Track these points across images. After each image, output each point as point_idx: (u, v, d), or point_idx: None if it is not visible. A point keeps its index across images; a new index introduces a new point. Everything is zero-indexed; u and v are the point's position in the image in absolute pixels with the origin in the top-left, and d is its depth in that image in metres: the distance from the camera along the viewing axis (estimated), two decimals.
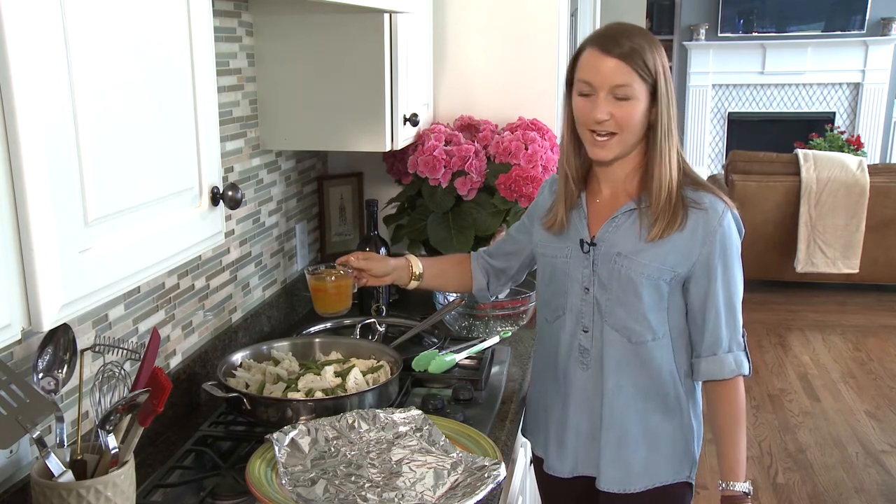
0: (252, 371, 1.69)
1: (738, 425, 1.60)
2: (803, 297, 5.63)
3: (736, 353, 1.55)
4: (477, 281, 1.83)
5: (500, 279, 1.84)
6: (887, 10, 8.33)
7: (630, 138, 1.49)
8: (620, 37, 1.46)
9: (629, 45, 1.44)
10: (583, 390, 1.60)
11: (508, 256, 1.81)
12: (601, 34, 1.49)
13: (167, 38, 1.02)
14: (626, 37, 1.46)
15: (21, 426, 1.03)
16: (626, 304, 1.53)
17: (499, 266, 1.82)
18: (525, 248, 1.77)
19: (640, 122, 1.48)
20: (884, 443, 3.70)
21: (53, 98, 0.81)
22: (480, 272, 1.83)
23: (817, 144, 6.75)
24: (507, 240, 1.83)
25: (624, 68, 1.44)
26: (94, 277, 0.88)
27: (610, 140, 1.49)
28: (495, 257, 1.83)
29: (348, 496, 1.28)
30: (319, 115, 2.02)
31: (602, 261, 1.55)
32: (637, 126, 1.48)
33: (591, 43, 1.48)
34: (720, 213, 1.50)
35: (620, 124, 1.47)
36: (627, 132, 1.48)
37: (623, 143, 1.50)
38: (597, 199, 1.59)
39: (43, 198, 0.80)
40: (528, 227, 1.76)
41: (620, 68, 1.44)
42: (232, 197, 1.16)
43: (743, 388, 1.60)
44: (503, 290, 1.91)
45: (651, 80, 1.46)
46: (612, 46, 1.45)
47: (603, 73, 1.45)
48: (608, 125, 1.47)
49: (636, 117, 1.47)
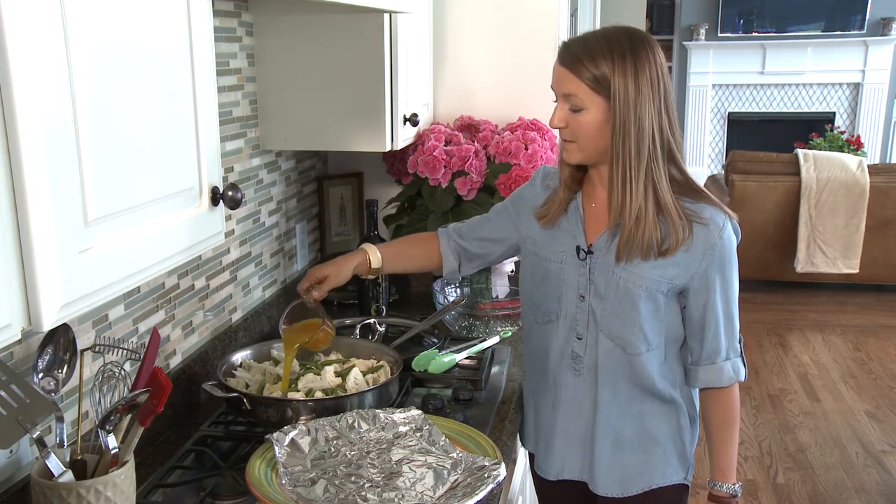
0: (252, 371, 1.69)
1: (732, 428, 1.59)
2: (803, 297, 5.63)
3: (734, 361, 1.55)
4: (448, 263, 1.75)
5: (473, 262, 1.76)
6: (887, 10, 8.33)
7: (589, 146, 1.46)
8: (577, 44, 1.43)
9: (580, 52, 1.41)
10: (573, 396, 1.59)
11: (487, 242, 1.73)
12: (565, 42, 1.47)
13: (167, 38, 1.02)
14: (583, 44, 1.42)
15: (21, 426, 1.03)
16: (622, 315, 1.51)
17: (474, 251, 1.74)
18: (507, 237, 1.71)
19: (598, 132, 1.43)
20: (884, 443, 3.70)
21: (53, 98, 0.81)
22: (451, 254, 1.74)
23: (817, 144, 6.75)
24: (485, 224, 1.74)
25: (569, 77, 1.42)
26: (94, 277, 0.88)
27: (570, 145, 1.48)
28: (469, 240, 1.74)
29: (348, 496, 1.28)
30: (319, 115, 2.02)
31: (599, 270, 1.52)
32: (593, 136, 1.44)
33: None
34: (720, 226, 1.47)
35: (574, 133, 1.45)
36: (583, 141, 1.45)
37: (583, 150, 1.47)
38: (593, 203, 1.56)
39: (43, 198, 0.80)
40: (512, 218, 1.69)
41: (566, 77, 1.42)
42: (232, 197, 1.16)
43: (738, 392, 1.60)
44: (474, 271, 1.82)
45: (605, 92, 1.40)
46: (563, 54, 1.44)
47: (554, 79, 1.46)
48: (565, 133, 1.46)
49: (589, 128, 1.43)
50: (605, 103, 1.41)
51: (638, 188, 1.42)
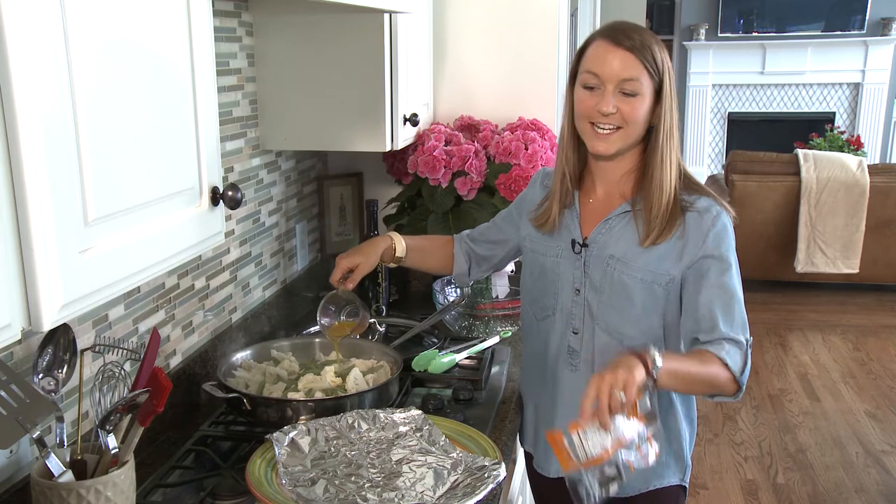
0: (252, 371, 1.69)
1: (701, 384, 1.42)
2: (803, 297, 5.63)
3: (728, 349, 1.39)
4: (459, 265, 1.80)
5: (481, 266, 1.81)
6: (887, 10, 8.33)
7: (633, 134, 1.48)
8: (631, 31, 1.45)
9: (640, 39, 1.44)
10: (571, 392, 1.58)
11: (493, 245, 1.78)
12: (612, 27, 1.47)
13: (167, 38, 1.02)
14: (636, 31, 1.45)
15: (21, 426, 1.03)
16: (618, 308, 1.51)
17: (482, 253, 1.79)
18: (510, 238, 1.75)
19: (644, 120, 1.47)
20: (884, 443, 3.70)
21: (53, 98, 0.81)
22: (463, 256, 1.80)
23: (817, 144, 6.75)
24: (492, 228, 1.80)
25: (634, 62, 1.43)
26: (94, 277, 0.88)
27: (613, 134, 1.47)
28: (478, 243, 1.80)
29: (348, 496, 1.28)
30: (319, 115, 2.02)
31: (594, 263, 1.53)
32: (641, 123, 1.47)
33: (601, 35, 1.47)
34: (714, 214, 1.48)
35: (626, 119, 1.45)
36: (632, 128, 1.46)
37: (626, 139, 1.48)
38: (590, 199, 1.57)
39: (43, 198, 0.80)
40: (515, 220, 1.73)
41: (630, 61, 1.43)
42: (232, 197, 1.16)
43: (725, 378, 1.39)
44: (483, 276, 1.88)
45: (658, 77, 1.45)
46: (622, 39, 1.43)
47: (612, 65, 1.44)
48: (614, 119, 1.45)
49: (642, 113, 1.45)
50: (653, 89, 1.46)
51: (673, 169, 1.48)
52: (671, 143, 1.48)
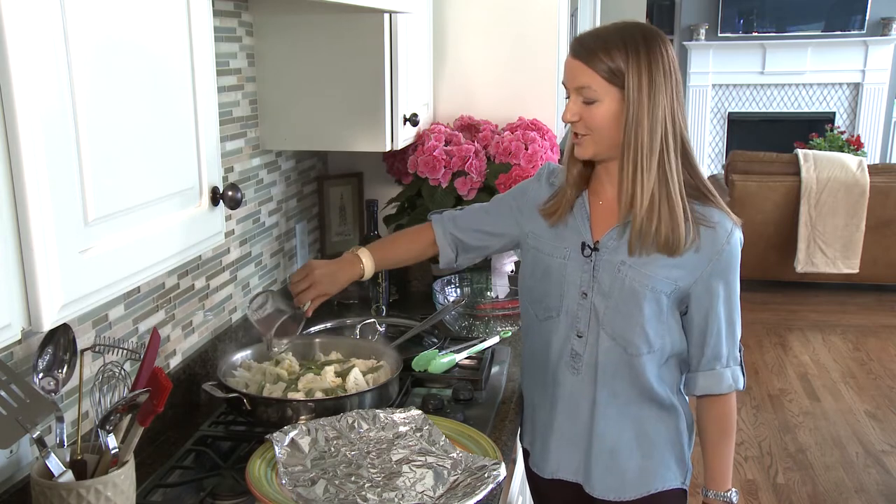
0: (252, 371, 1.69)
1: (728, 437, 1.59)
2: (803, 297, 5.63)
3: (733, 369, 1.54)
4: (445, 254, 1.73)
5: (470, 254, 1.74)
6: (887, 10, 8.33)
7: (604, 139, 1.45)
8: (591, 38, 1.44)
9: (595, 45, 1.41)
10: (571, 395, 1.58)
11: (487, 236, 1.71)
12: (578, 36, 1.47)
13: (167, 38, 1.02)
14: (597, 38, 1.43)
15: (21, 426, 1.03)
16: (625, 314, 1.50)
17: (472, 243, 1.72)
18: (508, 232, 1.69)
19: (612, 124, 1.43)
20: (884, 443, 3.70)
21: (53, 98, 0.81)
22: (448, 245, 1.73)
23: (817, 144, 6.75)
24: (483, 217, 1.72)
25: (583, 69, 1.42)
26: (94, 277, 0.88)
27: (583, 139, 1.47)
28: (466, 232, 1.72)
29: (348, 496, 1.28)
30: (319, 115, 2.02)
31: (604, 267, 1.51)
32: (607, 128, 1.44)
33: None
34: (728, 231, 1.48)
35: (588, 126, 1.45)
36: (597, 133, 1.45)
37: (597, 143, 1.46)
38: (600, 201, 1.55)
39: (43, 198, 0.80)
40: (514, 213, 1.67)
41: (580, 69, 1.43)
42: (232, 197, 1.16)
43: (735, 402, 1.59)
44: (472, 263, 1.81)
45: (619, 83, 1.41)
46: (576, 47, 1.44)
47: (567, 74, 1.46)
48: (578, 126, 1.46)
49: (603, 119, 1.43)
50: (619, 94, 1.41)
51: (649, 180, 1.42)
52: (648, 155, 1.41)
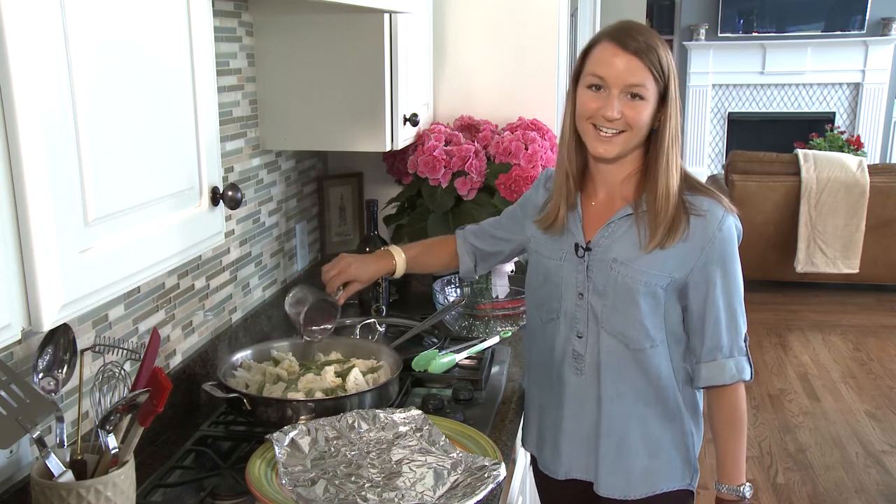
0: (252, 371, 1.69)
1: (739, 430, 1.60)
2: (803, 297, 5.63)
3: (737, 359, 1.52)
4: (464, 263, 1.81)
5: (487, 261, 1.82)
6: (887, 10, 8.33)
7: (636, 139, 1.47)
8: (637, 33, 1.43)
9: (646, 42, 1.41)
10: (577, 396, 1.58)
11: (498, 241, 1.78)
12: (618, 28, 1.45)
13: (167, 38, 1.02)
14: (642, 34, 1.43)
15: (21, 426, 1.03)
16: (622, 311, 1.50)
17: (487, 249, 1.79)
18: (515, 238, 1.74)
19: (648, 124, 1.45)
20: (884, 443, 3.70)
21: (53, 98, 0.81)
22: (467, 255, 1.80)
23: (817, 144, 6.75)
24: (496, 225, 1.79)
25: (640, 66, 1.41)
26: (94, 277, 0.88)
27: (616, 137, 1.45)
28: (483, 239, 1.79)
29: (348, 496, 1.28)
30: (319, 115, 2.02)
31: (597, 267, 1.52)
32: (645, 127, 1.45)
33: (607, 36, 1.44)
34: (719, 218, 1.47)
35: (630, 123, 1.44)
36: (635, 132, 1.45)
37: (628, 143, 1.46)
38: (592, 202, 1.56)
39: (43, 198, 0.80)
40: (520, 219, 1.72)
41: (636, 66, 1.41)
42: (232, 197, 1.16)
43: (744, 393, 1.58)
44: (487, 270, 1.91)
45: (663, 82, 1.43)
46: (628, 41, 1.41)
47: (618, 69, 1.42)
48: (618, 123, 1.44)
49: (646, 118, 1.44)
50: (658, 93, 1.44)
51: (678, 172, 1.48)
52: (676, 147, 1.47)
